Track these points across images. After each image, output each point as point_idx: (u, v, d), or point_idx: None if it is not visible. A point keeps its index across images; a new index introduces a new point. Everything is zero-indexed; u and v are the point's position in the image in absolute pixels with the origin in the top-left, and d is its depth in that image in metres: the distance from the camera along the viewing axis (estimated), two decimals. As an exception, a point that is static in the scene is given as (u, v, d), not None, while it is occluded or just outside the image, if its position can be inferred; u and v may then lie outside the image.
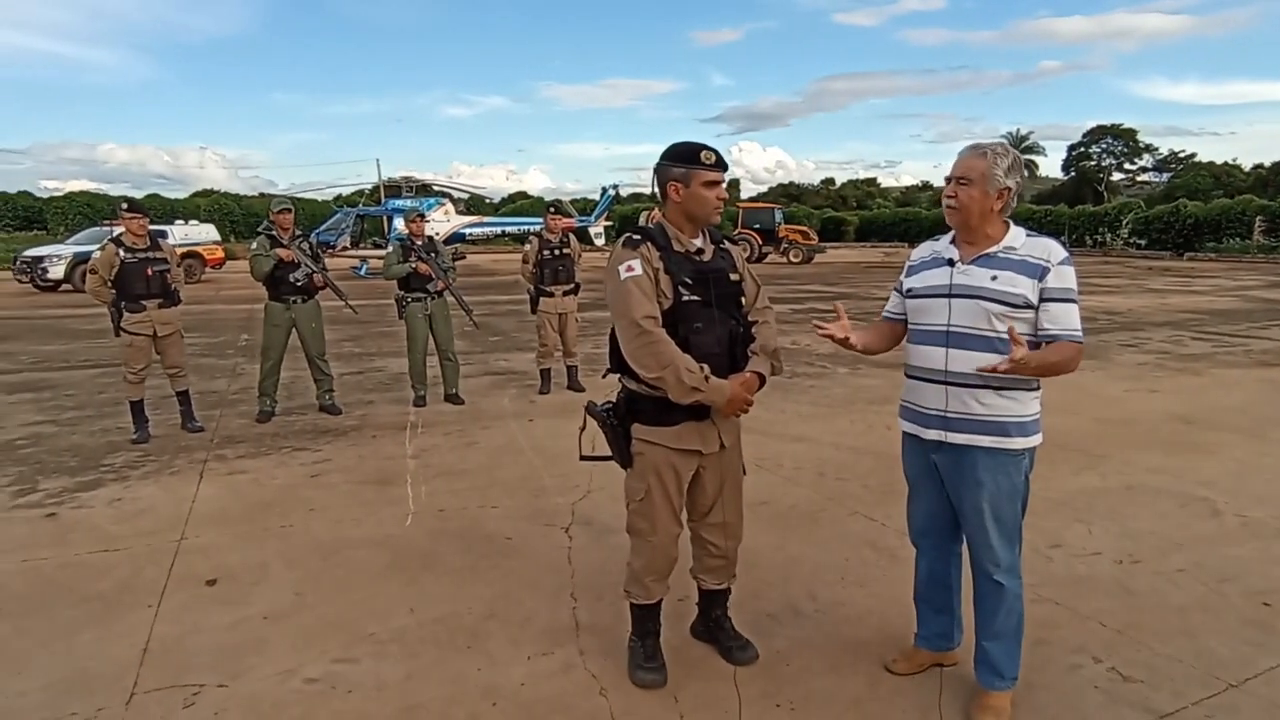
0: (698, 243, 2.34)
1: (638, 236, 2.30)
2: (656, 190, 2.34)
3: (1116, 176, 55.51)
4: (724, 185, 2.31)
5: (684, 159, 2.26)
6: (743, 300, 2.41)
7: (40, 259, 17.26)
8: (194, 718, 2.28)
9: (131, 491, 4.24)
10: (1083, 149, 55.55)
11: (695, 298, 2.26)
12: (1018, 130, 55.63)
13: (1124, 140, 54.30)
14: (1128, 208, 35.08)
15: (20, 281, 17.48)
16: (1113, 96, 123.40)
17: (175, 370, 5.38)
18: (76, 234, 20.66)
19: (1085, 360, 7.98)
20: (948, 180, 2.16)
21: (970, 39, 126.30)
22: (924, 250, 2.34)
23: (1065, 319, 2.07)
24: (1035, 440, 2.17)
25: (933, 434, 2.21)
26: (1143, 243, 32.99)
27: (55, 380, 7.36)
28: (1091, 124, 56.98)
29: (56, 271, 16.76)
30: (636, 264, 2.22)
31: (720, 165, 2.27)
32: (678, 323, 2.24)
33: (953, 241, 2.23)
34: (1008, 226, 2.16)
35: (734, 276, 2.38)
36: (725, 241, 2.45)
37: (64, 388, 7.00)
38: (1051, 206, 40.38)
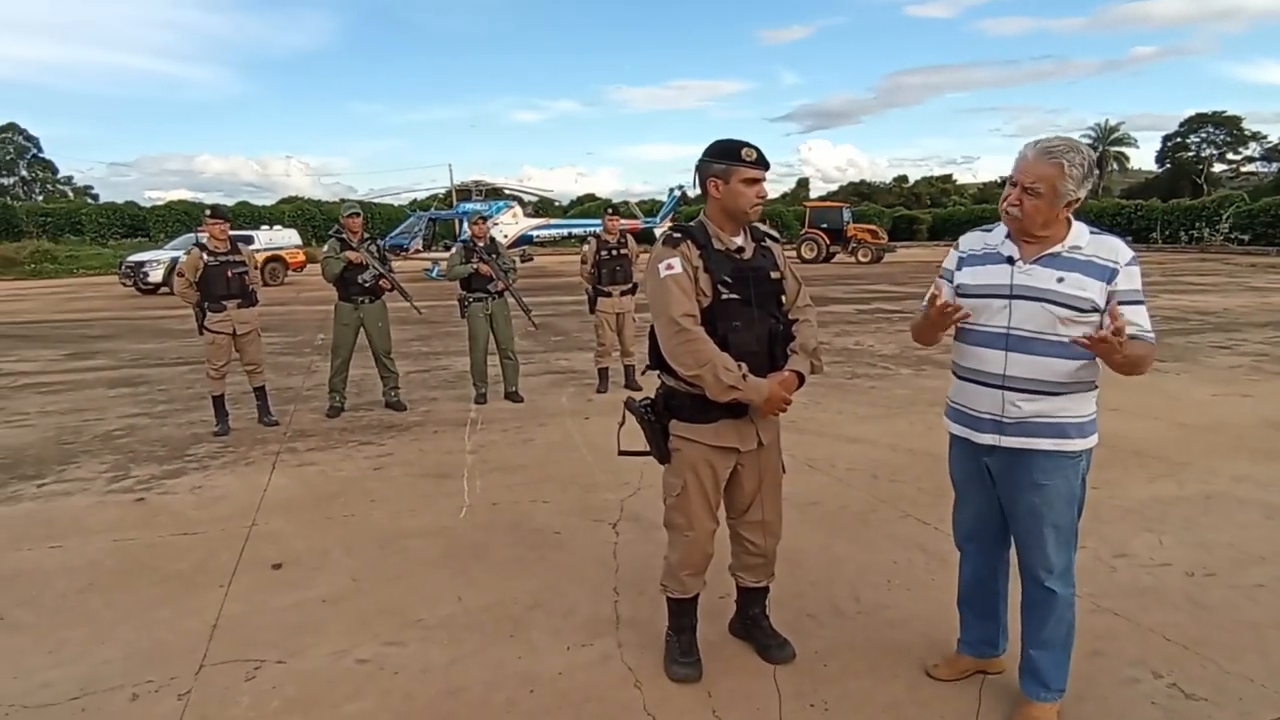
0: (738, 240, 2.35)
1: (678, 235, 2.32)
2: (697, 187, 2.36)
3: (1218, 168, 51.99)
4: (764, 184, 2.30)
5: (725, 155, 2.27)
6: (783, 299, 2.40)
7: (142, 264, 18.53)
8: (254, 690, 2.43)
9: (211, 480, 4.52)
10: (1180, 139, 52.27)
11: (734, 296, 2.26)
12: (1107, 121, 52.87)
13: (1227, 128, 50.72)
14: (1228, 200, 32.81)
15: (124, 285, 18.82)
16: (1214, 82, 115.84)
17: (253, 367, 5.70)
18: (174, 240, 22.07)
19: (1171, 362, 7.61)
20: (1012, 182, 2.02)
21: (1054, 26, 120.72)
22: (974, 241, 2.21)
23: (1138, 320, 1.96)
24: (1092, 441, 2.08)
25: (986, 438, 2.13)
26: (1245, 238, 30.77)
27: (150, 376, 7.89)
28: (1190, 112, 53.65)
29: (156, 275, 17.93)
30: (676, 262, 2.24)
31: (761, 163, 2.27)
32: (716, 321, 2.24)
33: (1009, 236, 2.10)
34: (1069, 223, 2.05)
35: (774, 274, 2.37)
36: (767, 239, 2.44)
37: (157, 383, 7.51)
38: (1143, 201, 38.16)
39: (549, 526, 3.75)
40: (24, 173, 51.71)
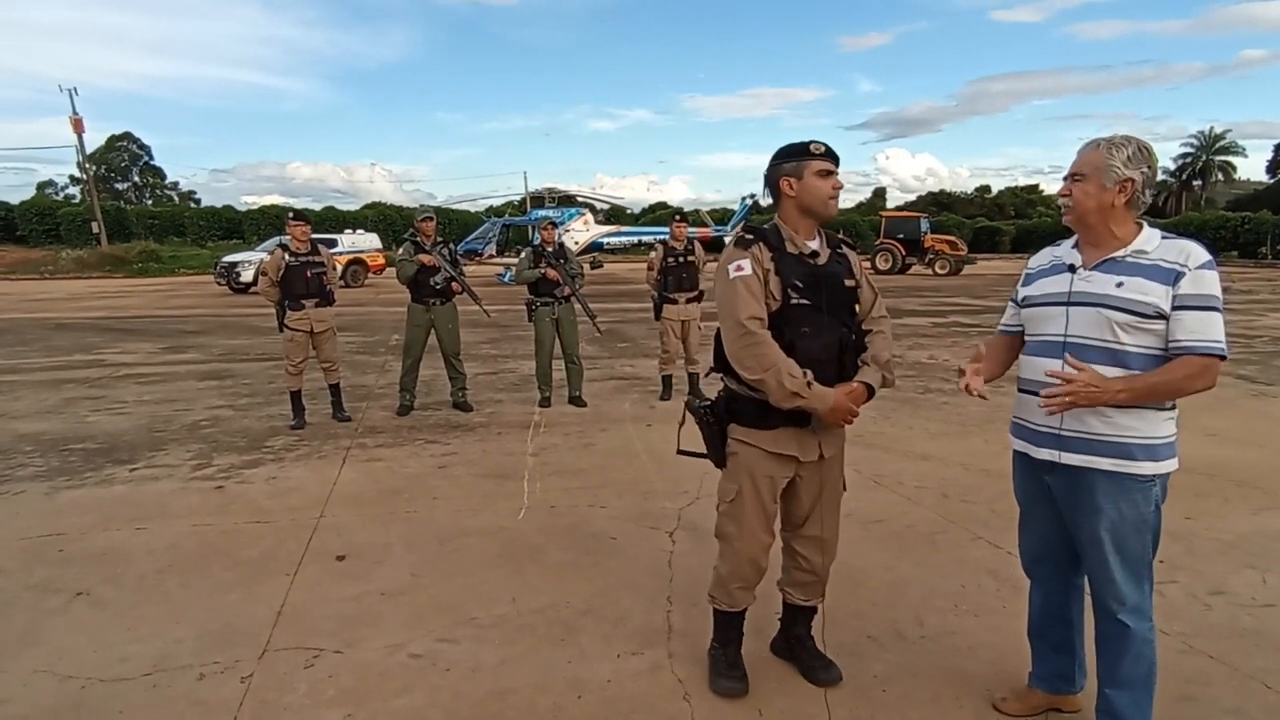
0: (813, 245, 2.28)
1: (750, 236, 2.26)
2: (768, 195, 2.31)
3: (1338, 178, 48.11)
4: (838, 177, 2.24)
5: (794, 154, 2.23)
6: (857, 308, 2.32)
7: (234, 264, 19.62)
8: (312, 677, 2.49)
9: (285, 471, 4.70)
10: (1294, 147, 48.67)
11: (805, 301, 2.19)
12: (1211, 128, 49.57)
13: (1348, 136, 46.97)
14: (1350, 214, 30.35)
15: (219, 284, 19.95)
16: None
17: (329, 364, 5.91)
18: (264, 242, 23.25)
19: (1279, 386, 7.00)
20: (1065, 177, 1.99)
21: (1153, 30, 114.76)
22: (1043, 257, 2.17)
23: (1201, 328, 1.82)
24: (1168, 466, 1.93)
25: (1045, 454, 2.02)
26: (1371, 254, 28.40)
27: (237, 370, 8.31)
28: (1306, 119, 49.76)
29: (247, 275, 18.91)
30: (746, 264, 2.19)
31: (831, 156, 2.21)
32: (784, 326, 2.18)
33: (1075, 246, 2.04)
34: (1140, 228, 1.95)
35: (849, 282, 2.29)
36: (843, 246, 2.36)
37: (242, 377, 7.89)
38: (1252, 213, 35.65)
39: (605, 532, 3.74)
40: (136, 179, 55.67)
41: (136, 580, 3.20)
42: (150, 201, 51.41)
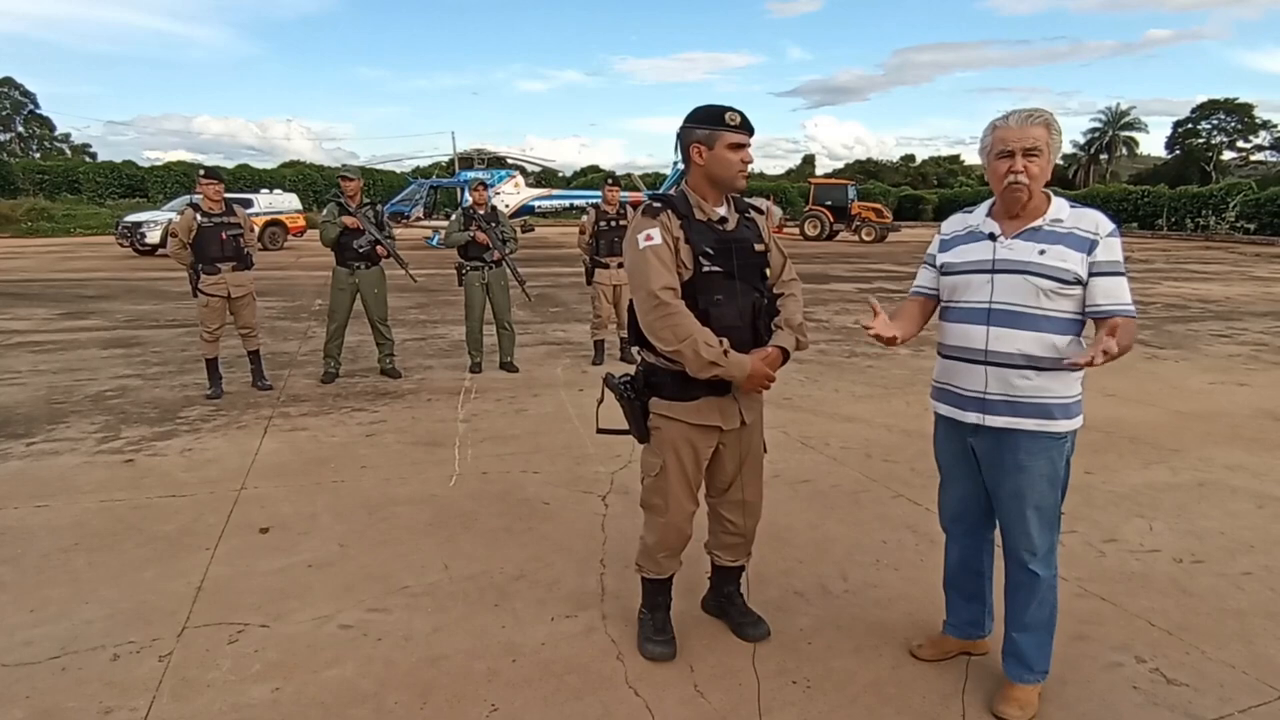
0: (721, 211, 2.27)
1: (658, 204, 2.23)
2: (679, 155, 2.29)
3: (1227, 155, 51.36)
4: (749, 149, 2.23)
5: (708, 120, 2.19)
6: (767, 272, 2.33)
7: (139, 224, 18.41)
8: (236, 653, 2.42)
9: (202, 443, 4.50)
10: (1190, 125, 51.61)
11: (716, 269, 2.19)
12: (1118, 104, 52.33)
13: (1238, 116, 50.03)
14: (1236, 189, 32.46)
15: (121, 245, 18.71)
16: (1228, 69, 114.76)
17: (247, 331, 5.65)
18: (172, 201, 21.87)
19: (1169, 350, 7.58)
20: (1006, 154, 1.96)
21: (1070, 7, 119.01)
22: (955, 224, 2.22)
23: (1119, 293, 1.96)
24: (1078, 423, 2.06)
25: (972, 417, 2.10)
26: (1252, 227, 30.55)
27: (145, 338, 7.85)
28: (1202, 98, 52.94)
29: (153, 236, 17.81)
30: (656, 233, 2.16)
31: (745, 127, 2.19)
32: (697, 294, 2.17)
33: (990, 214, 2.11)
34: (1048, 198, 2.04)
35: (758, 247, 2.30)
36: (750, 210, 2.37)
37: (152, 345, 7.47)
38: (1150, 187, 37.79)
39: (538, 497, 3.74)
40: (20, 129, 51.01)
41: (39, 560, 3.02)
42: (38, 155, 47.34)
